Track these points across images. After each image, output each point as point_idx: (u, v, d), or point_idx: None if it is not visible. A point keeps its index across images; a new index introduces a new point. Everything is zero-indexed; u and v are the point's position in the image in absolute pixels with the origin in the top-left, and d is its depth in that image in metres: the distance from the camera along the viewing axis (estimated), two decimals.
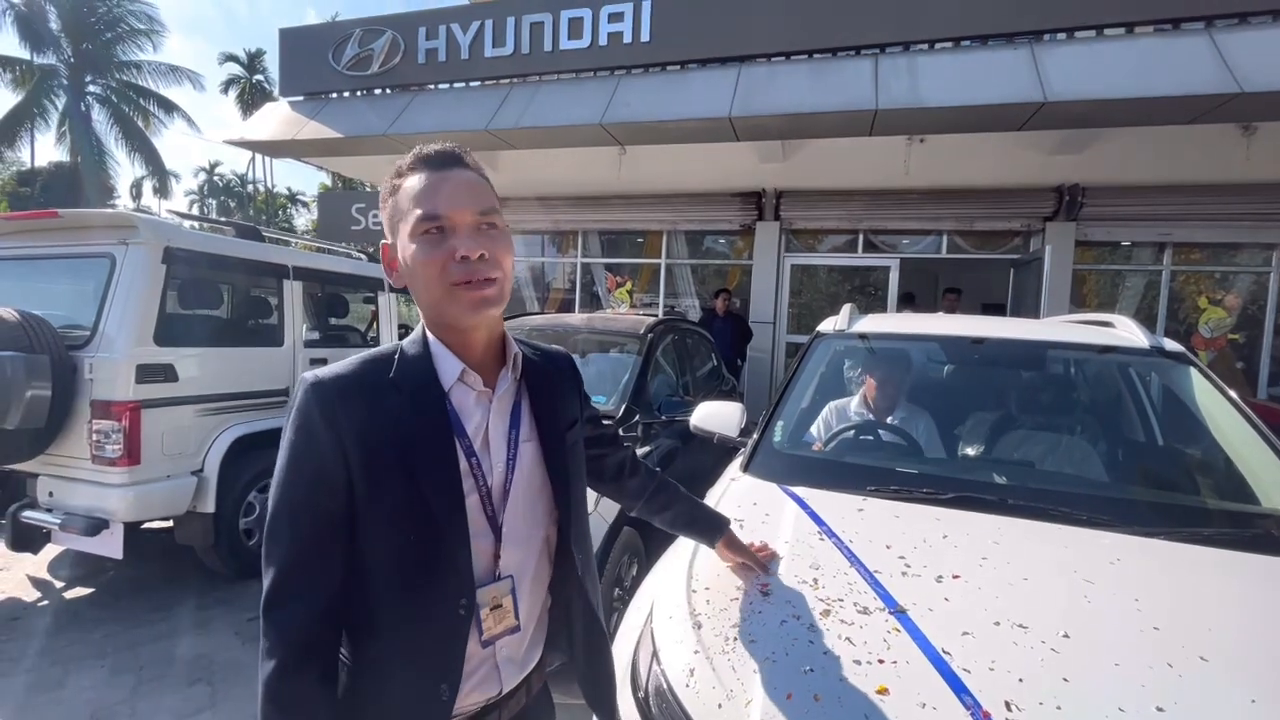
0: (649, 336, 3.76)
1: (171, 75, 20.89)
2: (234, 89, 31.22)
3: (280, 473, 0.80)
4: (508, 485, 0.89)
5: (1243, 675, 1.02)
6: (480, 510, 0.86)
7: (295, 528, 0.78)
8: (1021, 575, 1.29)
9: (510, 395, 0.92)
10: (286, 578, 0.77)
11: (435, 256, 0.80)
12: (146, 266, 3.06)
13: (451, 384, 0.86)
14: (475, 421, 0.87)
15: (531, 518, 0.93)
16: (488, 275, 0.81)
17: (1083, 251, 6.74)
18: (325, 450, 0.78)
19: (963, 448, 2.23)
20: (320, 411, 0.79)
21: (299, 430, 0.79)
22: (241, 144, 7.11)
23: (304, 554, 0.78)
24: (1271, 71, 4.47)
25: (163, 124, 21.05)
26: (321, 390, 0.80)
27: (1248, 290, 6.54)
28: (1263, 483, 1.71)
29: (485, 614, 0.86)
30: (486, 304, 0.82)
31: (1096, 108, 4.87)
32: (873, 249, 7.39)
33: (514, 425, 0.91)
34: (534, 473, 0.93)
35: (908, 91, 5.16)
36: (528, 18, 6.41)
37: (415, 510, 0.80)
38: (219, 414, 3.36)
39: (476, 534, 0.85)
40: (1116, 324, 2.34)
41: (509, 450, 0.90)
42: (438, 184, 0.81)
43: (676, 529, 1.30)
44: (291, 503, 0.79)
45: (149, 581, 3.49)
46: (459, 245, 0.79)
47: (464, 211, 0.81)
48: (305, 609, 0.77)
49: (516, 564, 0.91)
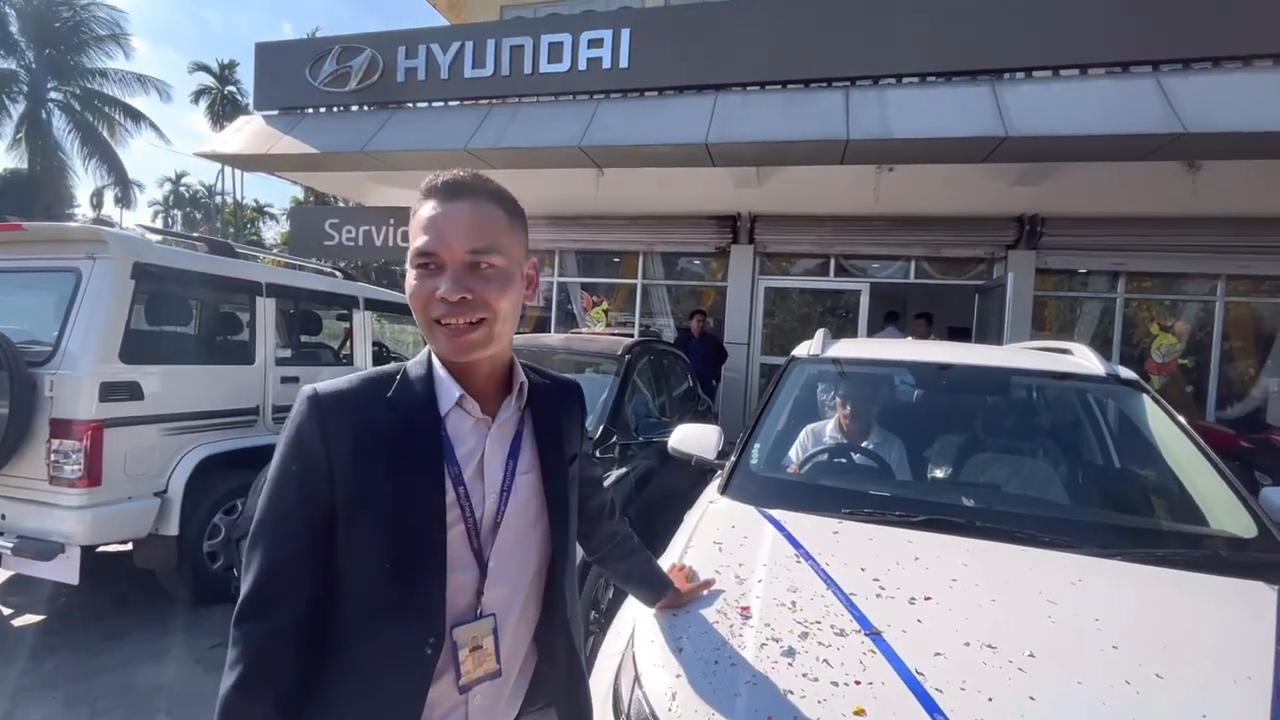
0: (626, 358, 3.79)
1: (138, 84, 20.48)
2: (204, 99, 30.70)
3: (269, 483, 0.80)
4: (499, 518, 0.86)
5: (1193, 692, 1.08)
6: (465, 542, 0.83)
7: (278, 537, 0.78)
8: (989, 596, 1.34)
9: (512, 423, 0.90)
10: (264, 586, 0.76)
11: (421, 291, 0.79)
12: (114, 282, 2.99)
13: (449, 409, 0.84)
14: (469, 449, 0.85)
15: (522, 553, 0.90)
16: (470, 318, 0.79)
17: (1043, 278, 7.02)
18: (313, 462, 0.78)
19: (932, 470, 2.30)
20: (313, 423, 0.79)
21: (291, 441, 0.80)
22: (214, 157, 7.01)
23: (284, 564, 0.77)
24: (1211, 113, 4.77)
25: (129, 133, 20.56)
26: (317, 403, 0.80)
27: (1195, 318, 6.87)
28: (1210, 505, 1.81)
29: (464, 655, 0.82)
30: (470, 348, 0.80)
31: (1055, 143, 5.11)
32: (844, 273, 7.58)
33: (513, 455, 0.89)
34: (529, 505, 0.90)
35: (877, 123, 5.35)
36: (508, 40, 6.49)
37: (391, 536, 0.78)
38: (186, 433, 3.27)
39: (459, 567, 0.82)
40: (1075, 352, 2.46)
41: (505, 481, 0.87)
42: (437, 217, 0.79)
43: (628, 582, 1.30)
44: (276, 512, 0.78)
45: (105, 608, 3.36)
46: (441, 285, 0.78)
47: (453, 249, 0.78)
48: (278, 620, 0.76)
49: (501, 601, 0.87)
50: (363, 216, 8.30)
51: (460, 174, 0.83)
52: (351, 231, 8.25)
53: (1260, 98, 4.83)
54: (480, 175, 0.84)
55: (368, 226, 8.20)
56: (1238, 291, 6.71)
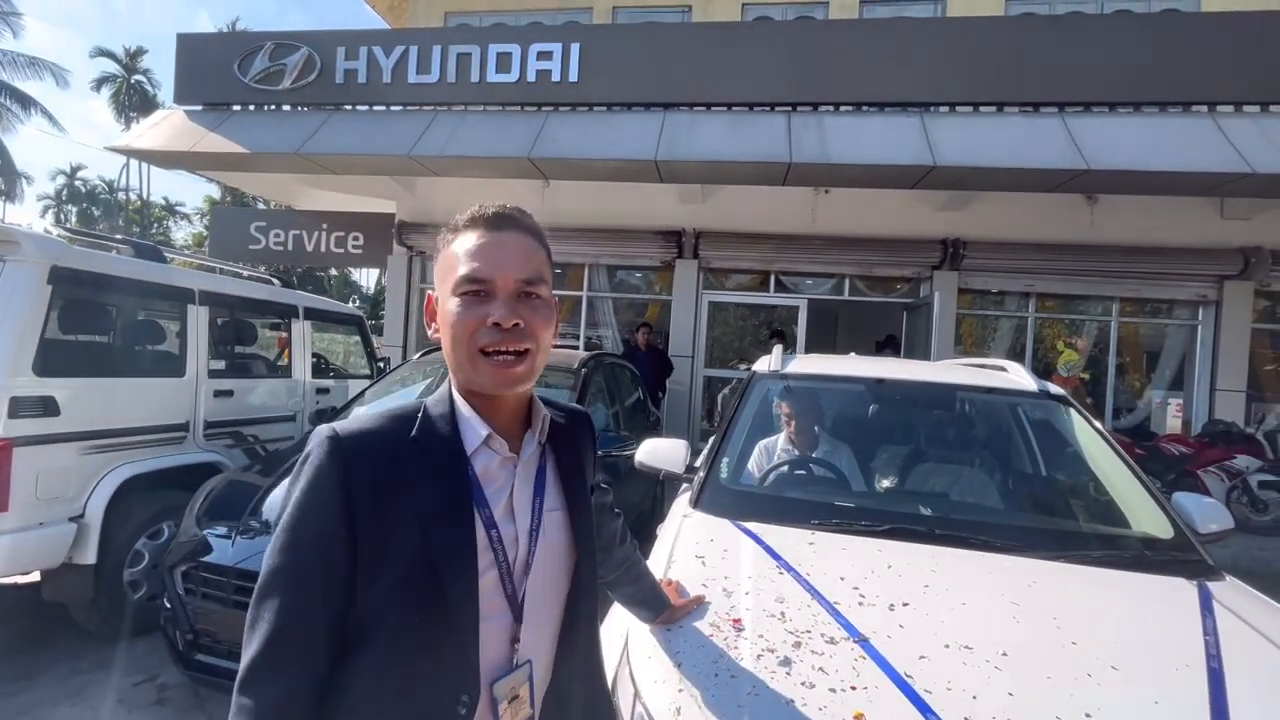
0: (583, 371, 3.80)
1: (31, 68, 18.73)
2: (108, 87, 28.41)
3: (282, 532, 0.74)
4: (530, 559, 0.83)
5: (1145, 680, 1.21)
6: (498, 588, 0.79)
7: (292, 591, 0.72)
8: (959, 600, 1.44)
9: (535, 460, 0.88)
10: (275, 646, 0.70)
11: (469, 319, 0.77)
12: (28, 287, 2.74)
13: (475, 448, 0.81)
14: (496, 488, 0.82)
15: (553, 593, 0.87)
16: (518, 347, 0.78)
17: (963, 297, 7.53)
18: (334, 509, 0.73)
19: (885, 480, 2.44)
20: (333, 467, 0.75)
21: (308, 487, 0.75)
22: (129, 152, 6.52)
23: (297, 623, 0.71)
24: (1109, 152, 5.31)
25: (18, 119, 18.74)
26: (337, 446, 0.76)
27: (1094, 336, 7.55)
28: (1132, 509, 2.01)
29: (504, 708, 0.78)
30: (514, 381, 0.79)
31: (975, 173, 5.55)
32: (783, 289, 7.87)
33: (539, 492, 0.86)
34: (558, 543, 0.88)
35: (817, 148, 5.63)
36: (454, 48, 6.41)
37: (420, 586, 0.74)
38: (107, 452, 3.01)
39: (493, 615, 0.78)
40: (1009, 369, 2.67)
41: (534, 520, 0.84)
42: (487, 245, 0.79)
43: (631, 603, 1.31)
44: (291, 565, 0.73)
45: (8, 645, 3.02)
46: (493, 311, 0.77)
47: (507, 277, 0.78)
48: (291, 684, 0.70)
49: (532, 645, 0.84)
50: (293, 220, 7.94)
51: (505, 207, 0.83)
52: (280, 235, 7.88)
53: (1149, 140, 5.42)
54: (521, 209, 0.85)
55: (298, 231, 7.86)
56: (1128, 313, 7.44)
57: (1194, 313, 7.23)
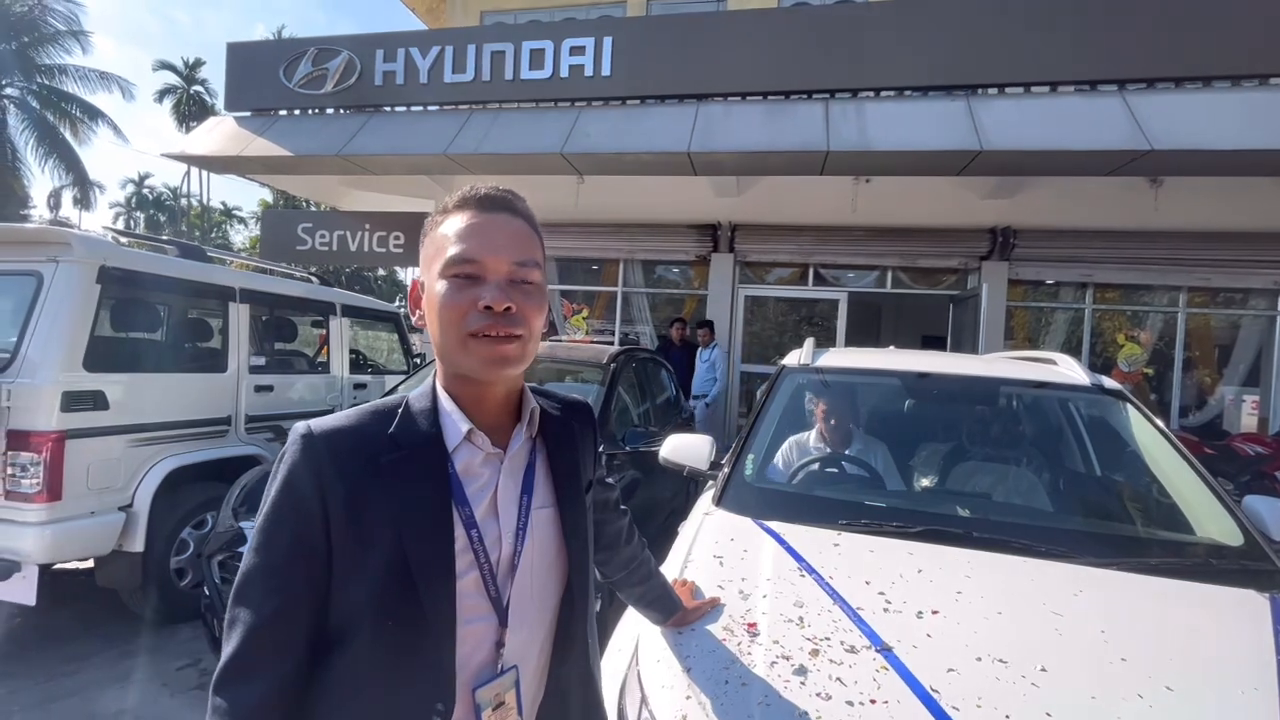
0: (611, 366, 3.76)
1: (100, 82, 19.82)
2: (169, 98, 29.90)
3: (258, 533, 0.72)
4: (516, 559, 0.80)
5: (1204, 704, 1.09)
6: (480, 590, 0.76)
7: (267, 592, 0.70)
8: (995, 609, 1.34)
9: (524, 455, 0.84)
10: (250, 647, 0.69)
11: (458, 302, 0.74)
12: (78, 286, 2.86)
13: (457, 444, 0.78)
14: (480, 486, 0.79)
15: (542, 596, 0.83)
16: (511, 331, 0.74)
17: (1014, 289, 7.17)
18: (308, 508, 0.71)
19: (922, 480, 2.31)
20: (307, 465, 0.72)
21: (283, 487, 0.73)
22: (183, 158, 6.81)
23: (273, 622, 0.70)
24: (1174, 131, 4.95)
25: (92, 130, 19.86)
26: (312, 444, 0.73)
27: (1158, 328, 7.09)
28: (1196, 514, 1.84)
29: (488, 715, 0.76)
30: (504, 363, 0.75)
31: (1026, 157, 5.25)
32: (822, 282, 7.65)
33: (527, 490, 0.83)
34: (547, 543, 0.84)
35: (856, 135, 5.43)
36: (489, 46, 6.45)
37: (394, 589, 0.71)
38: (153, 444, 3.13)
39: (475, 618, 0.76)
40: (1059, 362, 2.50)
41: (520, 518, 0.81)
42: (479, 227, 0.76)
43: (640, 603, 1.26)
44: (266, 566, 0.71)
45: (63, 629, 3.19)
46: (485, 294, 0.73)
47: (500, 260, 0.75)
48: (265, 686, 0.69)
49: (521, 650, 0.80)
50: (337, 221, 8.14)
51: (495, 188, 0.80)
52: (325, 236, 8.10)
53: (1218, 117, 5.03)
54: (514, 192, 0.82)
55: (342, 231, 8.06)
56: (1197, 303, 6.95)
57: (1272, 302, 6.70)
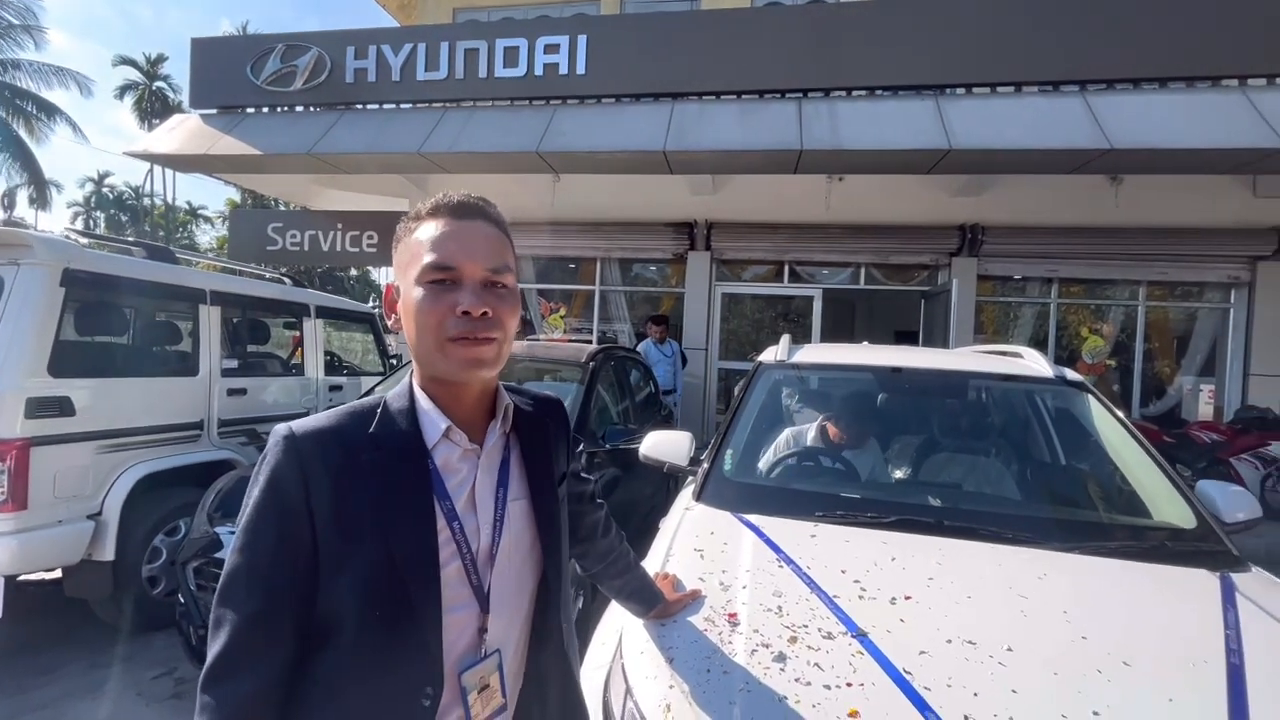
0: (590, 365, 3.77)
1: (56, 77, 19.16)
2: (130, 95, 29.04)
3: (242, 533, 0.74)
4: (494, 549, 0.83)
5: (1158, 676, 1.15)
6: (463, 579, 0.80)
7: (253, 591, 0.72)
8: (965, 593, 1.39)
9: (499, 450, 0.88)
10: (236, 647, 0.71)
11: (436, 307, 0.77)
12: (41, 289, 2.79)
13: (436, 441, 0.81)
14: (458, 480, 0.82)
15: (519, 583, 0.87)
16: (488, 335, 0.78)
17: (983, 284, 7.35)
18: (292, 507, 0.73)
19: (896, 471, 2.37)
20: (289, 465, 0.75)
21: (266, 487, 0.75)
22: (146, 156, 6.63)
23: (260, 620, 0.72)
24: (1133, 130, 5.12)
25: (49, 128, 19.19)
26: (293, 444, 0.76)
27: (1120, 321, 7.33)
28: (1153, 498, 1.93)
29: (473, 698, 0.79)
30: (480, 364, 0.79)
31: (992, 156, 5.39)
32: (797, 279, 7.75)
33: (502, 483, 0.86)
34: (523, 534, 0.88)
35: (829, 134, 5.52)
36: (462, 43, 6.39)
37: (381, 581, 0.74)
38: (123, 450, 3.07)
39: (459, 605, 0.79)
40: (1025, 355, 2.58)
41: (497, 510, 0.85)
42: (454, 233, 0.79)
43: (620, 596, 1.29)
44: (251, 565, 0.73)
45: (33, 641, 3.10)
46: (462, 300, 0.76)
47: (475, 265, 0.78)
48: (253, 683, 0.70)
49: (502, 635, 0.84)
50: (309, 220, 8.00)
51: (468, 195, 0.84)
52: (296, 236, 7.95)
53: (1173, 117, 5.22)
54: (485, 199, 0.85)
55: (314, 231, 7.92)
56: (1156, 297, 7.20)
57: (1226, 295, 6.97)
